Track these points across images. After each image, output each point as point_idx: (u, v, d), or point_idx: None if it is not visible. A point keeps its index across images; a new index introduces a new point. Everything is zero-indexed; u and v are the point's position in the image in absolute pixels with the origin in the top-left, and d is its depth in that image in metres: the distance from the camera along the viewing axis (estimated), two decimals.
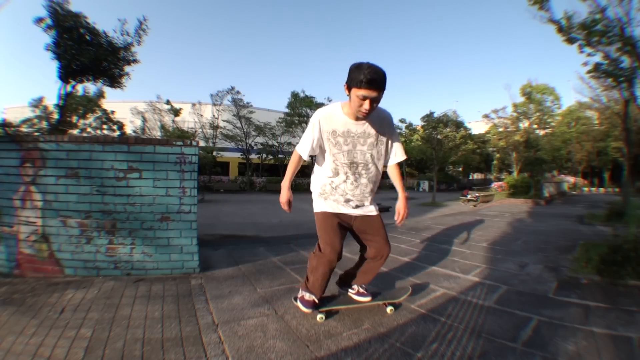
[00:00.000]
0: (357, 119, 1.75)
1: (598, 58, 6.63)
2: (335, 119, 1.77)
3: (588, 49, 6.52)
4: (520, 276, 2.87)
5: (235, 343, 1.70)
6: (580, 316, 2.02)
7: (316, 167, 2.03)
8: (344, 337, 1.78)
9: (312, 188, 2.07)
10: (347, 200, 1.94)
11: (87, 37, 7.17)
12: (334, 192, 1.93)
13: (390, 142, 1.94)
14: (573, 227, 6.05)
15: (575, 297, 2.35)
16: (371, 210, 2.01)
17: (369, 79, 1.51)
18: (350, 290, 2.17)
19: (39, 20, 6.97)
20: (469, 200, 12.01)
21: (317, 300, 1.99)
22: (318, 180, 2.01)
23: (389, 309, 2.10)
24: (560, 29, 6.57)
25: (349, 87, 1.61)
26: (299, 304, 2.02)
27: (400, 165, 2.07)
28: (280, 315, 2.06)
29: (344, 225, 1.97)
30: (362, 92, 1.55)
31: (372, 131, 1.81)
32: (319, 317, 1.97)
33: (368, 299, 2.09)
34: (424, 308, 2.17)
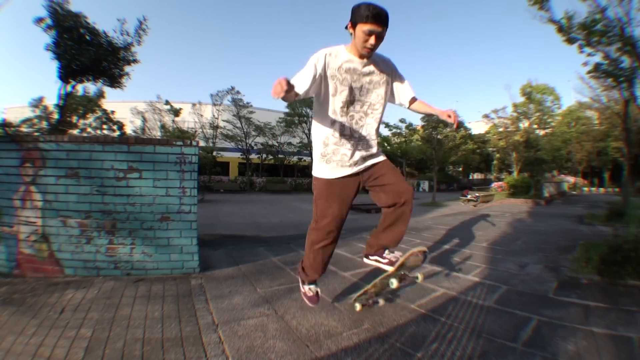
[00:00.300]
0: (361, 57, 1.71)
1: (598, 58, 6.64)
2: (341, 55, 1.72)
3: (588, 49, 6.52)
4: (520, 276, 2.87)
5: (235, 343, 1.70)
6: (580, 316, 2.02)
7: (314, 124, 1.87)
8: (344, 337, 1.78)
9: (313, 150, 1.90)
10: (350, 152, 1.78)
11: (87, 37, 7.17)
12: (338, 146, 1.78)
13: (396, 82, 1.89)
14: (573, 227, 6.05)
15: (575, 297, 2.35)
16: (379, 156, 1.88)
17: (375, 13, 1.52)
18: (379, 259, 1.98)
19: (39, 20, 6.96)
20: (469, 200, 12.01)
21: (319, 291, 1.97)
22: (319, 135, 1.83)
23: (420, 277, 1.99)
24: (560, 29, 6.57)
25: (353, 24, 1.60)
26: (305, 301, 1.99)
27: (400, 165, 2.03)
28: (280, 315, 2.06)
29: (349, 192, 1.84)
30: (368, 26, 1.54)
31: (377, 70, 1.78)
32: (357, 306, 1.92)
33: (393, 268, 1.89)
34: (424, 308, 2.17)
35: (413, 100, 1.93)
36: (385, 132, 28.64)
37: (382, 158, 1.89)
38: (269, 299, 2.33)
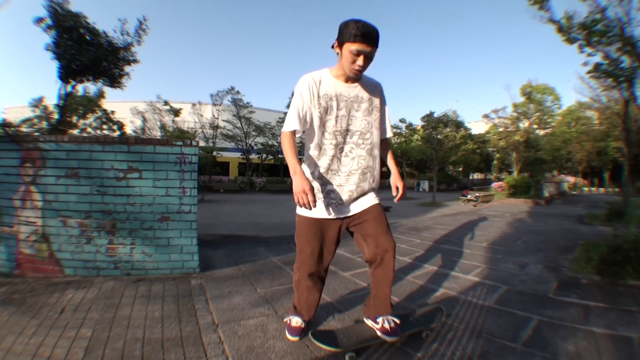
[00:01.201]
0: (348, 80, 1.59)
1: (598, 58, 6.64)
2: (325, 81, 1.58)
3: (588, 49, 6.52)
4: (520, 276, 2.87)
5: (235, 343, 1.70)
6: (580, 316, 2.02)
7: (305, 154, 1.72)
8: None
9: None
10: (339, 188, 1.64)
11: (87, 37, 7.17)
12: (325, 184, 1.64)
13: (382, 112, 1.74)
14: (573, 227, 6.05)
15: (575, 297, 2.35)
16: (370, 199, 1.70)
17: (364, 32, 1.39)
18: (373, 323, 1.69)
19: (39, 20, 6.96)
20: (469, 200, 12.01)
21: (304, 326, 1.74)
22: (305, 169, 1.68)
23: (424, 335, 1.76)
24: (560, 29, 6.57)
25: (340, 43, 1.47)
26: (286, 333, 1.75)
27: (399, 164, 1.97)
28: (280, 315, 2.06)
29: (333, 233, 1.68)
30: (357, 46, 1.41)
31: (365, 95, 1.63)
32: (348, 355, 1.55)
33: (394, 339, 1.62)
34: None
35: (385, 139, 1.81)
36: None
37: (373, 202, 1.70)
38: (269, 299, 2.33)
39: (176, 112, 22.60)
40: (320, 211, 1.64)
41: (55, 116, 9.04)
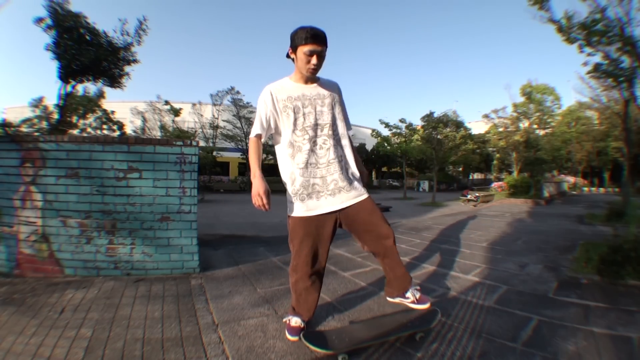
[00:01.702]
0: (307, 82, 1.74)
1: (598, 58, 6.65)
2: (287, 87, 1.74)
3: (588, 49, 6.52)
4: (520, 276, 2.87)
5: (235, 343, 1.70)
6: (580, 316, 2.01)
7: (279, 158, 1.80)
8: None
9: (286, 187, 1.78)
10: (322, 181, 1.70)
11: (87, 37, 7.18)
12: (307, 177, 1.69)
13: (343, 107, 1.87)
14: (573, 227, 6.05)
15: (575, 297, 2.35)
16: (357, 191, 1.75)
17: (312, 34, 1.56)
18: (403, 299, 1.92)
19: (39, 20, 6.97)
20: (469, 200, 12.01)
21: (303, 325, 1.74)
22: (284, 172, 1.76)
23: (418, 337, 1.73)
24: (560, 29, 6.58)
25: (294, 48, 1.63)
26: (285, 333, 1.75)
27: (400, 165, 2.02)
28: (280, 315, 2.06)
29: (327, 230, 1.73)
30: (309, 47, 1.58)
31: (326, 92, 1.76)
32: (341, 357, 1.53)
33: (427, 305, 1.87)
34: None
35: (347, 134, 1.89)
36: (385, 132, 28.66)
37: (363, 196, 1.77)
38: (269, 299, 2.33)
39: (176, 112, 22.60)
40: (312, 208, 1.70)
41: (55, 116, 9.05)
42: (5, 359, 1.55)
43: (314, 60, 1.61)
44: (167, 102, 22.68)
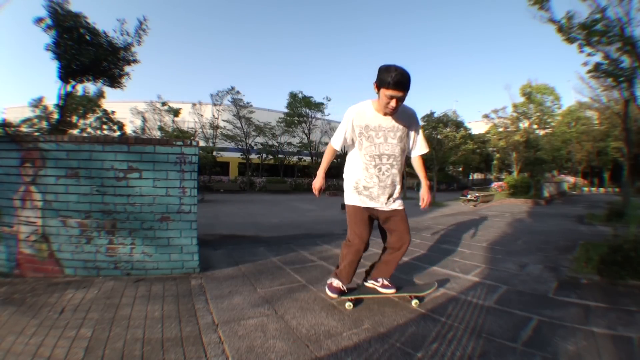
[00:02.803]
0: (385, 114, 1.95)
1: (598, 58, 6.64)
2: (367, 114, 1.98)
3: (588, 49, 6.52)
4: (520, 276, 2.87)
5: (235, 343, 1.70)
6: (580, 316, 2.01)
7: (348, 162, 2.18)
8: (344, 337, 1.78)
9: (344, 182, 2.20)
10: (377, 195, 2.07)
11: (87, 37, 7.18)
12: (366, 188, 2.07)
13: (415, 135, 2.14)
14: (573, 227, 6.05)
15: (575, 297, 2.35)
16: (398, 204, 2.14)
17: (395, 81, 1.73)
18: (375, 282, 2.26)
19: (39, 20, 6.97)
20: (469, 200, 12.01)
21: (343, 288, 2.18)
22: (351, 175, 2.14)
23: (414, 302, 2.20)
24: (560, 29, 6.57)
25: (378, 86, 1.82)
26: (326, 289, 2.22)
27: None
28: (280, 315, 2.06)
29: (372, 218, 2.15)
30: (390, 92, 1.76)
31: (400, 125, 1.99)
32: (347, 304, 2.15)
33: (392, 290, 2.21)
34: (424, 308, 2.17)
35: (420, 156, 2.24)
36: None
37: (400, 207, 2.14)
38: (269, 299, 2.33)
39: (176, 112, 22.61)
40: (363, 202, 2.11)
41: (55, 116, 9.05)
42: (5, 359, 1.55)
43: (392, 103, 1.81)
44: (164, 103, 22.71)
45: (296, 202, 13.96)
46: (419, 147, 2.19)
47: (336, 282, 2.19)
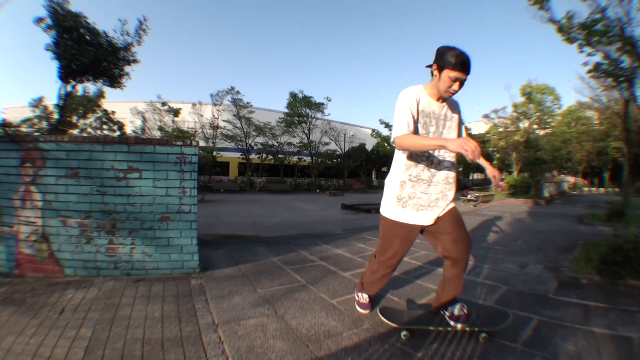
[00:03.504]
0: (439, 99, 1.76)
1: (598, 58, 6.64)
2: (422, 99, 1.76)
3: (588, 49, 6.52)
4: (520, 276, 2.87)
5: (235, 343, 1.70)
6: (580, 316, 2.02)
7: (395, 162, 1.87)
8: (344, 337, 1.78)
9: (387, 189, 1.90)
10: (430, 195, 1.79)
11: (87, 37, 7.18)
12: (415, 190, 1.79)
13: (462, 125, 1.95)
14: (573, 227, 6.05)
15: (575, 297, 2.35)
16: (450, 203, 1.84)
17: (462, 61, 1.58)
18: (445, 312, 1.87)
19: (39, 20, 6.97)
20: (469, 200, 12.02)
21: (370, 300, 2.08)
22: (396, 176, 1.84)
23: (482, 336, 1.73)
24: (560, 29, 6.57)
25: (439, 68, 1.64)
26: (357, 307, 2.11)
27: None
28: (280, 315, 2.06)
29: (413, 235, 1.87)
30: (455, 74, 1.59)
31: (450, 113, 1.83)
32: (403, 334, 1.76)
33: (461, 325, 1.77)
34: (423, 308, 2.17)
35: None
36: (385, 132, 28.70)
37: (452, 205, 1.85)
38: (269, 299, 2.33)
39: (175, 112, 22.62)
40: (409, 216, 1.81)
41: (55, 116, 9.05)
42: (5, 359, 1.55)
43: (455, 86, 1.63)
44: (164, 104, 22.72)
45: (296, 202, 13.96)
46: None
47: (364, 298, 2.10)
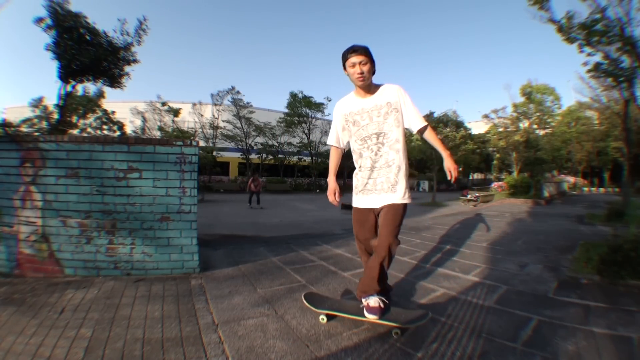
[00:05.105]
0: (366, 94, 1.96)
1: (598, 58, 6.64)
2: (349, 102, 2.04)
3: (588, 49, 6.52)
4: (520, 276, 2.87)
5: (235, 343, 1.70)
6: (580, 316, 2.02)
7: (354, 161, 2.12)
8: (344, 337, 1.78)
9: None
10: (367, 180, 1.99)
11: (87, 37, 7.17)
12: (359, 177, 2.04)
13: (405, 108, 1.97)
14: (573, 227, 6.05)
15: (575, 297, 2.35)
16: (396, 197, 1.91)
17: (351, 48, 1.84)
18: (362, 302, 1.92)
19: (39, 20, 6.96)
20: (469, 200, 12.01)
21: (382, 303, 1.84)
22: (355, 174, 2.11)
23: (393, 332, 1.79)
24: (560, 29, 6.57)
25: (344, 67, 1.90)
26: (365, 313, 1.87)
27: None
28: (280, 315, 2.06)
29: (370, 220, 2.04)
30: (350, 59, 1.84)
31: (382, 101, 1.96)
32: (321, 317, 1.97)
33: (373, 317, 1.82)
34: (424, 308, 2.17)
35: (423, 129, 2.02)
36: None
37: (396, 200, 1.91)
38: (269, 299, 2.33)
39: (176, 112, 22.60)
40: (361, 201, 2.05)
41: (55, 116, 9.03)
42: (5, 359, 1.55)
43: (357, 68, 1.84)
44: (164, 104, 22.71)
45: (296, 202, 13.96)
46: (415, 120, 1.96)
47: (373, 301, 1.85)
